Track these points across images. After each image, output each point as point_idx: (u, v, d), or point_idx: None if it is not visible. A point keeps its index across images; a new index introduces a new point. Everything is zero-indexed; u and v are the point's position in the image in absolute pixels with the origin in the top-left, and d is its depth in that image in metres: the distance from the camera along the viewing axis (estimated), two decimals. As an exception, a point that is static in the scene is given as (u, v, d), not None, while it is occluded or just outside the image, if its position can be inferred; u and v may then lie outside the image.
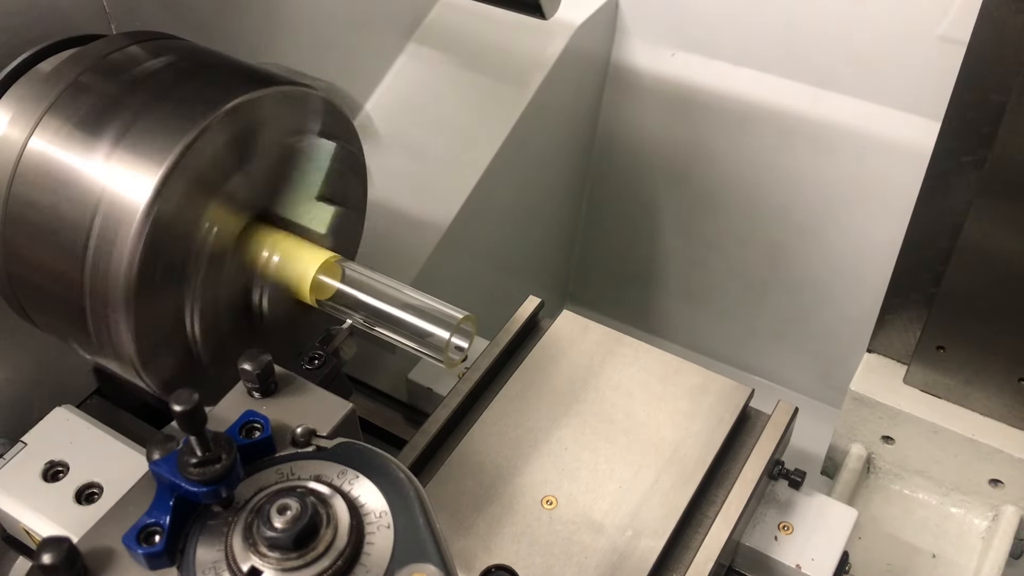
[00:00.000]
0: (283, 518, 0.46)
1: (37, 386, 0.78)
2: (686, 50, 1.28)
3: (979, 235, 0.80)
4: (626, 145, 1.39)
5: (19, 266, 0.65)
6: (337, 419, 0.56)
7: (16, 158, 0.63)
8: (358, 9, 1.10)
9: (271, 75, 0.67)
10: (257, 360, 0.55)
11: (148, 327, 0.62)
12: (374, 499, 0.49)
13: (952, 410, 0.92)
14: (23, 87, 0.66)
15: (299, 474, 0.51)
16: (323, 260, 0.68)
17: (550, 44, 1.18)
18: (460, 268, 1.15)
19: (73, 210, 0.61)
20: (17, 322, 0.70)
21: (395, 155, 1.09)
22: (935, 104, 0.80)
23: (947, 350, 0.89)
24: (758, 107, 1.24)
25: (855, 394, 0.94)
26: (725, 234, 1.40)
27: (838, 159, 1.23)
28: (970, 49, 0.74)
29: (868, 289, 1.14)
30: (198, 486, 0.47)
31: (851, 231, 1.28)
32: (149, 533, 0.48)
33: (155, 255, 0.60)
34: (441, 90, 1.17)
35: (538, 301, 0.81)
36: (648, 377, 0.76)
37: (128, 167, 0.60)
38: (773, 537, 0.73)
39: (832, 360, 1.38)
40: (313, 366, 0.68)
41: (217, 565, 0.47)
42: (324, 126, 0.71)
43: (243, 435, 0.52)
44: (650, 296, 1.55)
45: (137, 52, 0.67)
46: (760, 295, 1.44)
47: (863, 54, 1.15)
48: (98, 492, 0.68)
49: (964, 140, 0.78)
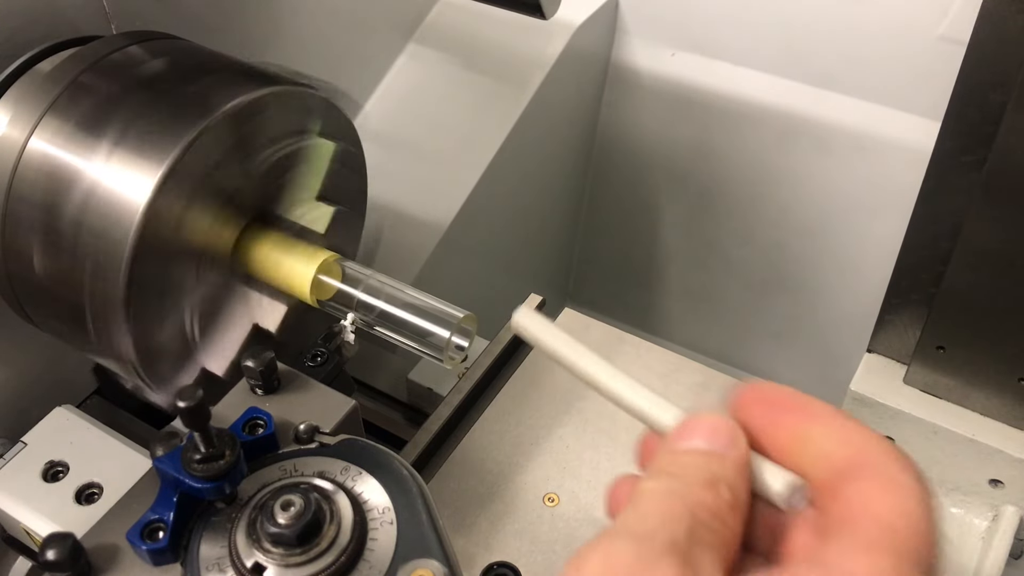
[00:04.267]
0: (287, 514, 0.46)
1: (37, 386, 0.78)
2: (686, 50, 1.28)
3: (979, 235, 0.80)
4: (626, 145, 1.39)
5: (19, 266, 0.65)
6: (340, 416, 0.56)
7: (16, 158, 0.62)
8: (358, 9, 1.10)
9: (271, 75, 0.67)
10: (260, 357, 0.55)
11: (148, 327, 0.62)
12: (377, 495, 0.50)
13: (952, 410, 0.92)
14: (23, 87, 0.66)
15: (302, 470, 0.51)
16: (323, 260, 0.68)
17: (550, 44, 1.18)
18: (460, 268, 1.15)
19: (73, 210, 0.60)
20: (17, 322, 0.70)
21: (395, 155, 1.09)
22: (935, 104, 0.80)
23: (947, 350, 0.89)
24: (758, 107, 1.24)
25: (855, 394, 0.94)
26: (725, 234, 1.40)
27: (838, 159, 1.23)
28: (970, 49, 0.74)
29: (868, 289, 1.14)
30: (202, 482, 0.47)
31: (851, 231, 1.28)
32: (153, 529, 0.48)
33: (154, 255, 0.60)
34: (441, 90, 1.17)
35: (539, 299, 0.81)
36: (650, 375, 0.76)
37: (128, 167, 0.60)
38: (774, 536, 0.73)
39: (832, 360, 1.38)
40: (316, 363, 0.68)
41: (221, 561, 0.47)
42: (324, 126, 0.71)
43: (246, 432, 0.52)
44: (650, 296, 1.55)
45: (137, 52, 0.67)
46: (760, 295, 1.44)
47: (863, 54, 1.15)
48: (98, 492, 0.68)
49: (964, 140, 0.78)
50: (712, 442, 0.36)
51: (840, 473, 0.33)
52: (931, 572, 0.31)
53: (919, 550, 0.31)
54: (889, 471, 0.32)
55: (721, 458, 0.35)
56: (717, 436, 0.36)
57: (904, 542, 0.31)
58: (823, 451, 0.34)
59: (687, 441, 0.37)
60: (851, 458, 0.33)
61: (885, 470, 0.32)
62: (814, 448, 0.34)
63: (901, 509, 0.31)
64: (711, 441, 0.36)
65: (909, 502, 0.31)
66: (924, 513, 0.32)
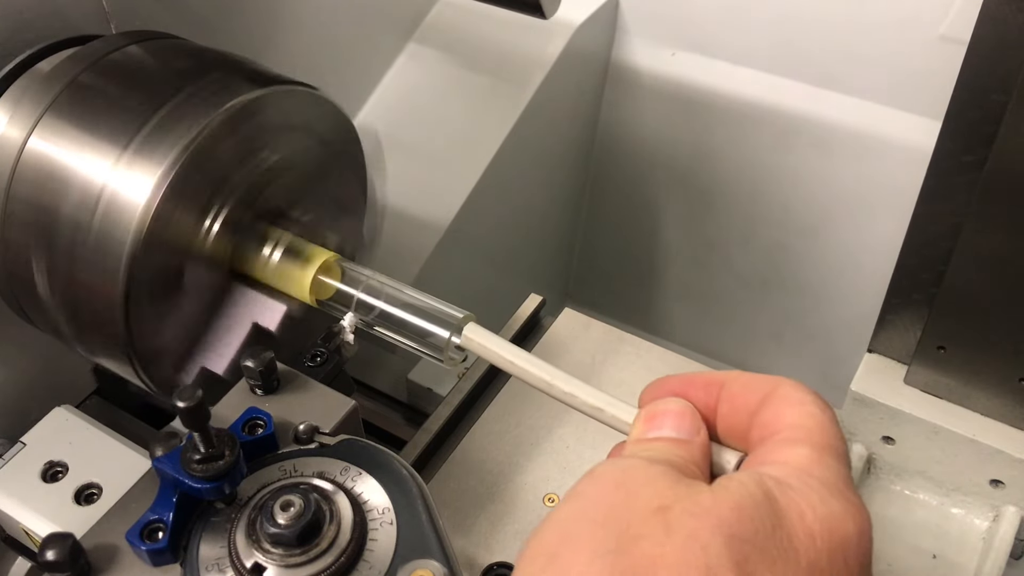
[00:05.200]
0: (286, 514, 0.46)
1: (36, 386, 0.78)
2: (686, 50, 1.28)
3: (980, 235, 0.80)
4: (626, 145, 1.39)
5: (18, 266, 0.64)
6: (340, 416, 0.56)
7: (16, 158, 0.62)
8: (358, 9, 1.10)
9: (271, 75, 0.67)
10: (260, 357, 0.55)
11: (147, 327, 0.62)
12: (377, 496, 0.50)
13: (953, 410, 0.91)
14: (22, 87, 0.66)
15: (302, 471, 0.51)
16: (323, 260, 0.68)
17: (550, 44, 1.18)
18: (460, 268, 1.15)
19: (73, 209, 0.60)
20: (17, 322, 0.70)
21: (395, 155, 1.09)
22: (935, 104, 0.80)
23: (948, 350, 0.89)
24: (758, 107, 1.24)
25: (855, 394, 0.94)
26: (725, 234, 1.40)
27: (838, 159, 1.23)
28: (970, 49, 0.74)
29: (868, 289, 1.14)
30: (201, 482, 0.47)
31: (851, 231, 1.28)
32: (152, 530, 0.48)
33: (154, 254, 0.60)
34: (441, 90, 1.17)
35: (539, 299, 0.81)
36: (650, 374, 0.76)
37: (128, 166, 0.59)
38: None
39: (832, 360, 1.38)
40: (315, 363, 0.68)
41: (220, 562, 0.47)
42: (324, 126, 0.71)
43: (246, 432, 0.52)
44: (650, 296, 1.55)
45: (137, 52, 0.67)
46: (760, 295, 1.44)
47: (863, 54, 1.15)
48: (97, 492, 0.68)
49: (965, 140, 0.78)
50: (679, 430, 0.42)
51: (756, 412, 0.42)
52: (843, 456, 0.40)
53: (830, 441, 0.40)
54: (792, 394, 0.41)
55: (689, 444, 0.42)
56: (683, 423, 0.43)
57: (818, 436, 0.39)
58: (742, 404, 0.42)
59: (657, 430, 0.43)
60: (762, 398, 0.42)
61: (789, 393, 0.41)
62: (730, 405, 0.43)
63: (808, 415, 0.40)
64: (678, 429, 0.43)
65: (813, 409, 0.40)
66: (827, 417, 0.40)
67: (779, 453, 0.39)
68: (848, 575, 0.36)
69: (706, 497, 0.37)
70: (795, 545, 0.36)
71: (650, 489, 0.37)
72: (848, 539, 0.37)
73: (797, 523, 0.36)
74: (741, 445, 0.43)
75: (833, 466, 0.39)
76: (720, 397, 0.43)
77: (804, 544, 0.36)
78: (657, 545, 0.35)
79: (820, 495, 0.37)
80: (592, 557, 0.35)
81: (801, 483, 0.38)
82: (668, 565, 0.34)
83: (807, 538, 0.36)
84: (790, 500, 0.37)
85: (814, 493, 0.37)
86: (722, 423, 0.43)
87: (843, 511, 0.37)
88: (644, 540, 0.35)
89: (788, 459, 0.39)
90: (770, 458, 0.39)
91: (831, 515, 0.37)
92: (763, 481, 0.37)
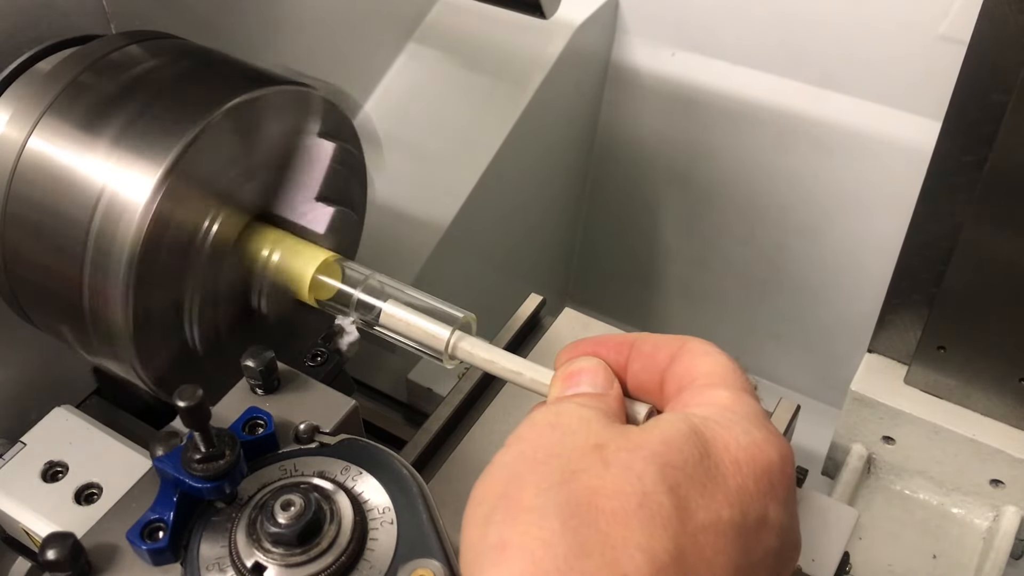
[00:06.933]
0: (287, 514, 0.46)
1: (36, 386, 0.78)
2: (686, 50, 1.28)
3: (980, 235, 0.80)
4: (626, 145, 1.39)
5: (18, 265, 0.64)
6: (340, 416, 0.56)
7: (15, 157, 0.62)
8: (358, 9, 1.10)
9: (271, 74, 0.67)
10: (260, 357, 0.55)
11: (147, 327, 0.62)
12: (377, 495, 0.49)
13: (953, 410, 0.92)
14: (22, 87, 0.66)
15: (302, 470, 0.51)
16: (323, 260, 0.68)
17: (550, 44, 1.18)
18: (460, 268, 1.15)
19: (73, 209, 0.60)
20: (17, 322, 0.70)
21: (395, 155, 1.09)
22: (935, 104, 0.80)
23: (948, 350, 0.89)
24: (758, 107, 1.24)
25: (856, 394, 0.94)
26: (725, 234, 1.40)
27: (838, 159, 1.23)
28: (970, 49, 0.74)
29: (868, 289, 1.14)
30: (202, 482, 0.47)
31: (851, 231, 1.28)
32: (153, 529, 0.48)
33: (154, 254, 0.60)
34: (441, 90, 1.17)
35: (539, 299, 0.81)
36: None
37: (128, 166, 0.59)
38: (775, 536, 0.73)
39: (832, 360, 1.38)
40: (316, 363, 0.68)
41: (221, 561, 0.47)
42: (324, 126, 0.71)
43: (246, 431, 0.52)
44: (650, 296, 1.55)
45: (137, 52, 0.67)
46: (760, 295, 1.44)
47: (863, 54, 1.15)
48: (97, 492, 0.68)
49: (965, 140, 0.78)
50: (595, 385, 0.46)
51: (668, 367, 0.46)
52: (753, 394, 0.44)
53: (741, 383, 0.44)
54: (700, 347, 0.46)
55: (605, 396, 0.45)
56: (598, 378, 0.46)
57: (732, 380, 0.44)
58: (651, 362, 0.46)
59: (575, 387, 0.46)
60: (671, 354, 0.46)
61: (697, 347, 0.46)
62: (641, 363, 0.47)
63: (718, 363, 0.45)
64: (594, 384, 0.46)
65: (721, 358, 0.45)
66: (735, 364, 0.45)
67: (700, 396, 0.43)
68: (774, 497, 0.40)
69: (637, 434, 0.41)
70: (723, 471, 0.39)
71: (585, 429, 0.41)
72: (772, 464, 0.40)
73: (723, 453, 0.40)
74: (651, 399, 0.47)
75: (751, 403, 0.43)
76: (630, 356, 0.47)
77: (731, 470, 0.39)
78: (596, 477, 0.38)
79: (743, 427, 0.41)
80: (537, 492, 0.39)
81: (724, 418, 0.41)
82: (608, 494, 0.37)
83: (733, 464, 0.40)
84: (715, 433, 0.40)
85: (737, 426, 0.41)
86: (632, 380, 0.47)
87: (764, 440, 0.41)
88: (584, 473, 0.39)
89: (710, 400, 0.43)
90: (693, 401, 0.43)
91: (754, 443, 0.40)
92: (689, 419, 0.41)
